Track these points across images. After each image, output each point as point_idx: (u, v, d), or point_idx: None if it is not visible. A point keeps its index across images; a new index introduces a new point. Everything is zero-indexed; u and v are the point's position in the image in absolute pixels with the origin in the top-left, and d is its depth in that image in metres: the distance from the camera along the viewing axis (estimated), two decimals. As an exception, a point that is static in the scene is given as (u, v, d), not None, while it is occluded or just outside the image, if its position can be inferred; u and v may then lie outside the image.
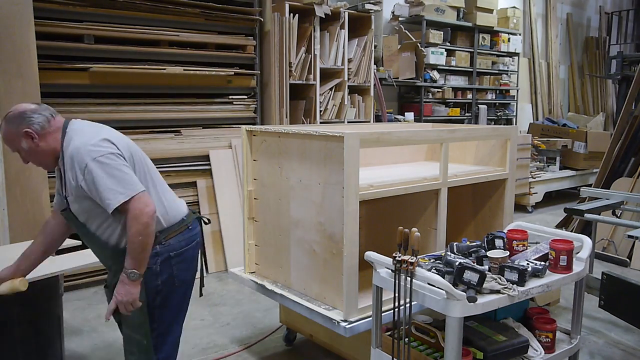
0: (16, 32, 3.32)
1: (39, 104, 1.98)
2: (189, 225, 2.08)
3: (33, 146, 1.91)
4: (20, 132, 1.89)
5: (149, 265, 1.90)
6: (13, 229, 3.30)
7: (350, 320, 2.36)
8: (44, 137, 1.91)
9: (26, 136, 1.89)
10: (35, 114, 1.91)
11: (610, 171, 5.41)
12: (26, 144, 1.90)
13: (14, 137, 1.91)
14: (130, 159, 1.91)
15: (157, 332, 2.01)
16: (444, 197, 2.73)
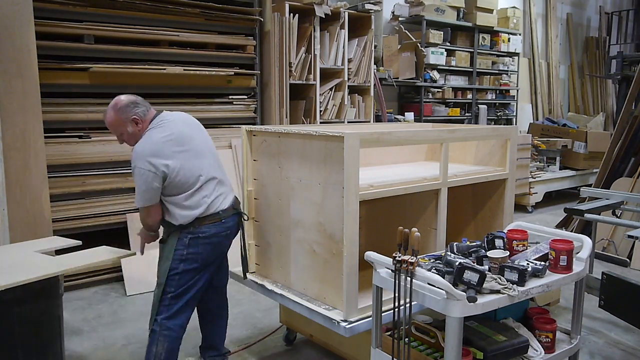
0: (16, 32, 3.31)
1: (136, 96, 2.54)
2: (223, 219, 2.53)
3: (136, 130, 2.46)
4: (129, 118, 2.45)
5: (181, 236, 2.45)
6: (13, 229, 3.29)
7: (350, 320, 2.36)
8: (143, 124, 2.47)
9: (133, 122, 2.46)
10: (139, 105, 2.49)
11: (610, 171, 5.41)
12: (131, 128, 2.46)
13: (123, 122, 2.46)
14: (172, 172, 2.38)
15: (171, 295, 2.47)
16: (444, 197, 2.73)
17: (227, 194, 2.59)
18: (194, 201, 2.44)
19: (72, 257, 2.55)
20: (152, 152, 2.36)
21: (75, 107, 4.08)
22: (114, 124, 2.49)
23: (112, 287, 4.11)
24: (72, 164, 4.04)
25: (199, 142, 2.52)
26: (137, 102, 2.49)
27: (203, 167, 2.49)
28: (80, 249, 2.65)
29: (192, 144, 2.48)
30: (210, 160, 2.54)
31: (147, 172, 2.33)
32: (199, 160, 2.48)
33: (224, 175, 2.63)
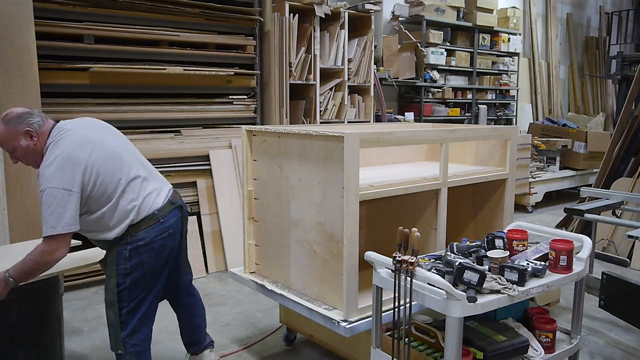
0: (16, 32, 3.31)
1: (31, 108, 2.24)
2: (161, 218, 2.31)
3: (31, 144, 2.17)
4: (21, 131, 2.14)
5: (119, 250, 2.24)
6: (13, 229, 3.29)
7: (350, 320, 2.36)
8: (39, 137, 2.17)
9: (26, 134, 2.15)
10: (34, 115, 2.18)
11: (610, 171, 5.40)
12: (25, 142, 2.16)
13: (14, 136, 2.15)
14: (90, 180, 2.13)
15: (126, 310, 2.28)
16: (444, 197, 2.73)
17: (159, 190, 2.36)
18: (121, 209, 2.21)
19: (72, 257, 2.55)
20: (61, 161, 2.09)
21: (75, 107, 4.08)
22: (4, 139, 2.18)
23: (112, 287, 4.11)
24: (72, 164, 4.04)
25: (108, 144, 2.26)
26: (31, 113, 2.19)
27: (121, 169, 2.24)
28: (80, 249, 2.65)
29: (101, 148, 2.22)
30: (127, 159, 2.29)
31: (59, 189, 2.04)
32: (112, 163, 2.22)
33: (149, 170, 2.40)
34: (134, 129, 4.34)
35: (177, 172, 4.52)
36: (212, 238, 4.57)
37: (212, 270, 4.51)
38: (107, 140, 2.27)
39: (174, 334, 3.32)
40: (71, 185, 2.06)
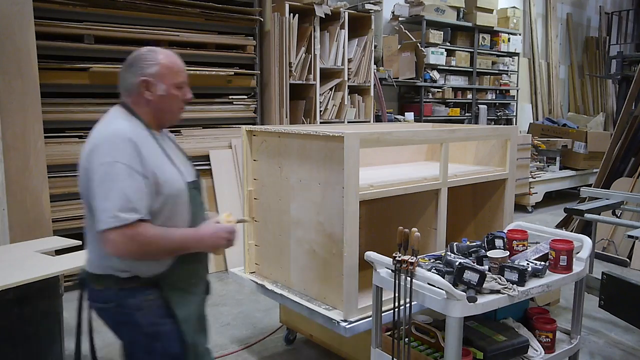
0: (16, 32, 3.31)
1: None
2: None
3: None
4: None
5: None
6: (13, 229, 3.29)
7: (350, 320, 2.36)
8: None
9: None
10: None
11: (610, 171, 5.41)
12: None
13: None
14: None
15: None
16: (444, 197, 2.73)
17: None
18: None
19: (72, 257, 2.55)
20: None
21: (75, 107, 4.08)
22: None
23: (112, 287, 4.11)
24: (72, 164, 4.04)
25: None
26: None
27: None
28: (81, 249, 2.65)
29: None
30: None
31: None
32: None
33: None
34: (134, 129, 4.34)
35: (177, 172, 4.52)
36: (212, 238, 4.56)
37: (212, 270, 4.51)
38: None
39: (174, 334, 3.32)
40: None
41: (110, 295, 1.68)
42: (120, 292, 1.66)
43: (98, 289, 1.72)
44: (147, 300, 1.67)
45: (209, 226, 1.73)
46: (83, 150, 1.71)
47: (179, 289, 1.73)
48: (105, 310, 1.72)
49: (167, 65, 1.70)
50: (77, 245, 2.77)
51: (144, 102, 1.70)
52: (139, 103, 1.71)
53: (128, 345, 1.76)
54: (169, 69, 1.70)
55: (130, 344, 1.75)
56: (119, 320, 1.71)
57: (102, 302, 1.71)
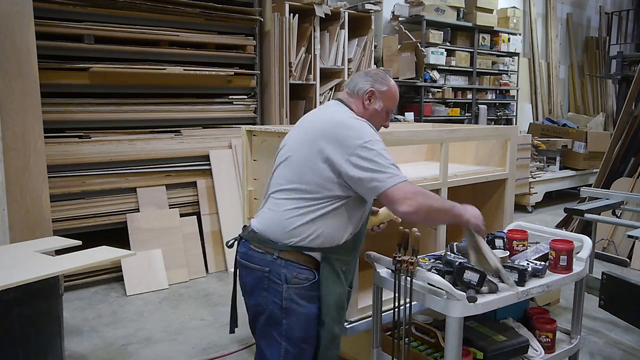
0: (16, 32, 3.31)
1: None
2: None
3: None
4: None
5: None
6: (13, 229, 3.29)
7: (350, 320, 2.36)
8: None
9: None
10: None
11: (610, 171, 5.41)
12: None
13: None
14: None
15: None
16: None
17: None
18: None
19: (72, 257, 2.55)
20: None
21: (75, 107, 4.08)
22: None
23: (112, 287, 4.12)
24: (72, 164, 4.04)
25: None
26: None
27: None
28: (80, 249, 2.65)
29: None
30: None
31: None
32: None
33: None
34: (134, 129, 4.34)
35: (177, 172, 4.52)
36: (212, 238, 4.57)
37: (212, 270, 4.51)
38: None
39: (174, 334, 3.33)
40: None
41: (267, 259, 1.77)
42: (277, 259, 1.76)
43: (257, 251, 1.81)
44: (297, 277, 1.76)
45: (468, 205, 1.93)
46: (309, 127, 1.87)
47: (333, 270, 1.81)
48: (254, 271, 1.81)
49: (393, 92, 1.97)
50: (77, 245, 2.77)
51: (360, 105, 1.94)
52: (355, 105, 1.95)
53: (255, 311, 1.85)
54: (393, 96, 1.98)
55: (258, 310, 1.83)
56: (264, 285, 1.78)
57: (256, 264, 1.80)
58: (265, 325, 1.82)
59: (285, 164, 1.86)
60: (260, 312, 1.83)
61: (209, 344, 3.22)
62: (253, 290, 1.84)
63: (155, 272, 4.12)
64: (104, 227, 4.19)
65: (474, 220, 1.91)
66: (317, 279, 1.79)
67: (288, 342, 1.79)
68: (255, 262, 1.81)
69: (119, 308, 3.74)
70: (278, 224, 1.78)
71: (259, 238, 1.81)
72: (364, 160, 1.72)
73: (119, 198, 4.26)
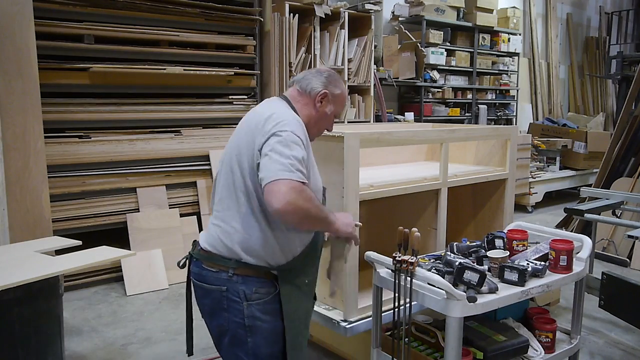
0: (16, 32, 3.31)
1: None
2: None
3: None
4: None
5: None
6: (13, 229, 3.29)
7: (350, 320, 2.36)
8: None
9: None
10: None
11: (610, 171, 5.41)
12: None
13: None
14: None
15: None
16: (444, 197, 2.73)
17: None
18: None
19: (72, 257, 2.55)
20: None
21: (75, 107, 4.08)
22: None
23: (112, 287, 4.11)
24: (72, 164, 4.04)
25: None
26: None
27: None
28: (81, 249, 2.65)
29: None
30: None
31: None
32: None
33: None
34: (134, 129, 4.34)
35: (177, 172, 4.52)
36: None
37: (212, 270, 4.51)
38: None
39: (174, 334, 3.33)
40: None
41: (222, 278, 1.68)
42: (233, 276, 1.67)
43: (212, 270, 1.71)
44: (257, 292, 1.68)
45: (341, 213, 1.95)
46: (249, 122, 1.81)
47: (294, 285, 1.75)
48: (211, 291, 1.72)
49: (344, 96, 1.93)
50: (77, 245, 2.77)
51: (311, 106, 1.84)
52: (304, 105, 1.84)
53: (218, 332, 1.78)
54: (343, 100, 1.92)
55: (221, 332, 1.77)
56: (222, 305, 1.70)
57: (211, 284, 1.72)
58: (230, 346, 1.75)
59: (228, 168, 1.80)
60: (223, 332, 1.76)
61: (208, 344, 3.21)
62: (213, 312, 1.76)
63: (155, 272, 4.12)
64: (104, 227, 4.19)
65: (344, 229, 1.88)
66: (278, 290, 1.71)
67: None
68: (211, 282, 1.72)
69: (119, 308, 3.74)
70: (228, 241, 1.70)
71: (210, 256, 1.72)
72: (268, 146, 1.61)
73: (119, 198, 4.26)
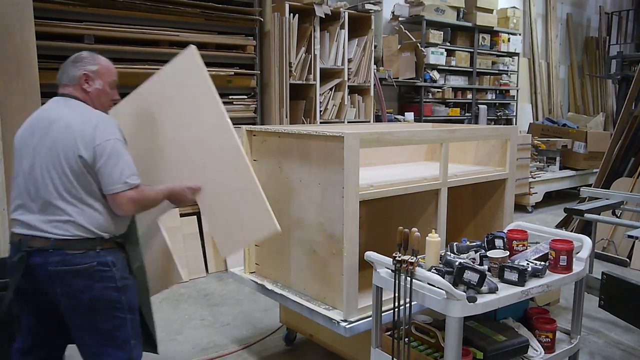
0: (16, 32, 3.31)
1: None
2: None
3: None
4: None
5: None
6: (13, 229, 3.29)
7: (350, 320, 2.36)
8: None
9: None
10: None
11: (610, 171, 5.41)
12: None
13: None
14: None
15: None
16: (444, 197, 2.73)
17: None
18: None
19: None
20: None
21: (75, 107, 4.08)
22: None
23: (112, 287, 4.11)
24: (72, 164, 4.04)
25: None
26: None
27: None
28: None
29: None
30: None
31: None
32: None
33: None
34: (134, 129, 4.34)
35: (177, 172, 4.52)
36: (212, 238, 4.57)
37: (212, 270, 4.51)
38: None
39: (174, 334, 3.33)
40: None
41: (91, 255, 1.92)
42: (101, 251, 1.94)
43: (78, 253, 1.91)
44: (118, 258, 2.00)
45: (176, 183, 2.19)
46: (52, 129, 1.95)
47: (133, 244, 2.11)
48: (82, 271, 1.90)
49: (105, 66, 2.11)
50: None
51: (82, 92, 2.05)
52: (80, 92, 2.05)
53: (89, 305, 1.93)
54: (107, 69, 2.11)
55: (95, 301, 1.93)
56: (95, 279, 1.92)
57: (83, 264, 1.90)
58: (107, 311, 1.96)
59: (45, 172, 1.92)
60: (95, 304, 1.93)
61: (208, 343, 3.22)
62: (84, 289, 1.91)
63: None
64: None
65: (179, 193, 2.17)
66: (127, 254, 2.06)
67: (131, 313, 2.02)
68: (81, 262, 1.90)
69: (119, 308, 3.74)
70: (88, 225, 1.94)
71: (71, 243, 1.90)
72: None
73: (119, 198, 4.26)
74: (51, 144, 1.91)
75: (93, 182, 1.92)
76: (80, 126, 1.92)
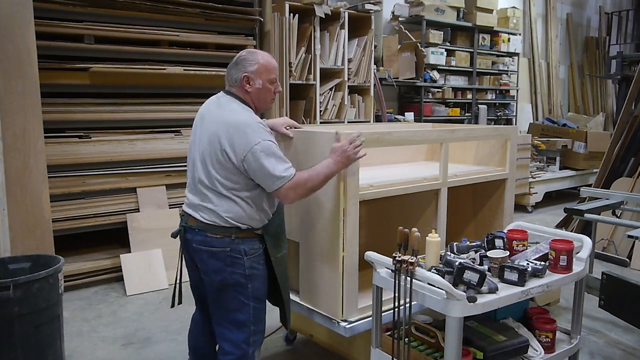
0: (16, 32, 3.31)
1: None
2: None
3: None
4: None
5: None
6: (13, 229, 3.29)
7: (350, 320, 2.36)
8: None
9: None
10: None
11: (610, 171, 5.40)
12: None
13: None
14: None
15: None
16: (444, 197, 2.73)
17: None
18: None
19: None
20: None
21: (75, 107, 4.08)
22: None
23: (112, 287, 4.11)
24: (72, 164, 4.04)
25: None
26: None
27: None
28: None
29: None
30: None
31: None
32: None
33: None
34: (134, 129, 4.34)
35: (177, 172, 4.52)
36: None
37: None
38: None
39: (174, 334, 3.33)
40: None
41: (226, 242, 2.09)
42: (236, 239, 2.10)
43: (216, 237, 2.10)
44: (253, 248, 2.14)
45: (331, 152, 2.21)
46: (208, 126, 2.22)
47: (273, 235, 2.22)
48: (216, 253, 2.10)
49: (263, 64, 2.17)
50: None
51: (244, 93, 2.18)
52: (242, 93, 2.19)
53: (220, 285, 2.13)
54: (266, 67, 2.17)
55: (224, 282, 2.11)
56: (227, 263, 2.10)
57: (218, 247, 2.09)
58: (234, 293, 2.13)
59: (202, 161, 2.13)
60: (225, 285, 2.12)
61: (209, 344, 3.22)
62: (217, 270, 2.11)
63: (155, 272, 4.12)
64: (104, 227, 4.19)
65: (344, 161, 2.20)
66: (265, 245, 2.19)
67: (255, 301, 2.16)
68: (216, 245, 2.10)
69: (119, 308, 3.74)
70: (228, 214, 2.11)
71: (213, 227, 2.10)
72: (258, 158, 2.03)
73: (119, 198, 4.26)
74: (209, 137, 2.13)
75: (240, 179, 2.07)
76: (233, 127, 2.06)
